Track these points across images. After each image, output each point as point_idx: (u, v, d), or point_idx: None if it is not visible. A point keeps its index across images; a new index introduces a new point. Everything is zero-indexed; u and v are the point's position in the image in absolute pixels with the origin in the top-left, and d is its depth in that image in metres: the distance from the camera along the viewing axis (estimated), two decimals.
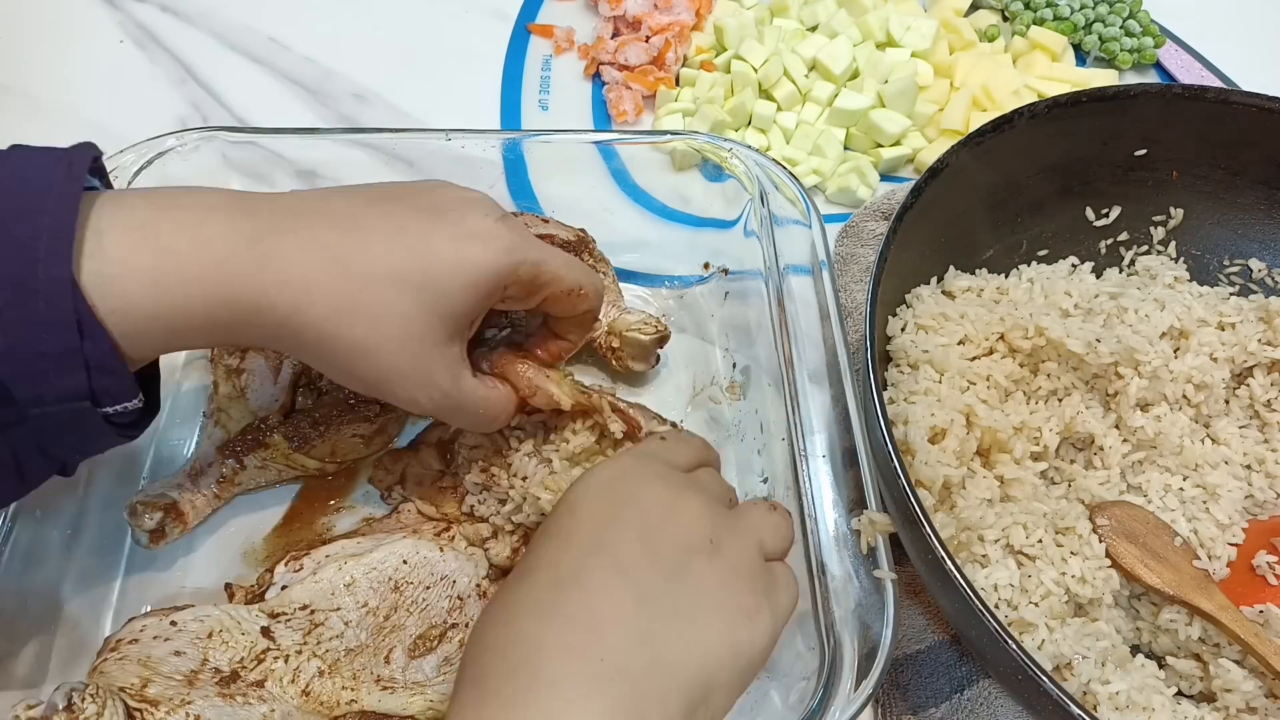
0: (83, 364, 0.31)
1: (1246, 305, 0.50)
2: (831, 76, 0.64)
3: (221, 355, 0.48)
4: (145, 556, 0.46)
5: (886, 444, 0.38)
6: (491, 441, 0.45)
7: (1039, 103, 0.49)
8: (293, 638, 0.40)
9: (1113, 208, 0.54)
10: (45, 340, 0.30)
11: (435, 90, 0.68)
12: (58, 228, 0.30)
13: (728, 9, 0.71)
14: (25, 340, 0.30)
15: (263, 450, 0.46)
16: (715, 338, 0.55)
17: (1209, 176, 0.53)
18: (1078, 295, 0.50)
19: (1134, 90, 0.50)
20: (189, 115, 0.65)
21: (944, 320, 0.47)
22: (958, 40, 0.69)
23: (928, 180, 0.45)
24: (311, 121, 0.65)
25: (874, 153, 0.63)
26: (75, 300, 0.30)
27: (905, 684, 0.44)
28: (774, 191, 0.51)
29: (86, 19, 0.70)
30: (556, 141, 0.55)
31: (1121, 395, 0.46)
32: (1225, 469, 0.46)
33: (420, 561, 0.43)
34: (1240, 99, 0.50)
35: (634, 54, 0.66)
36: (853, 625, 0.39)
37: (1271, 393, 0.48)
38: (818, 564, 0.41)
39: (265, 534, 0.47)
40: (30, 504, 0.43)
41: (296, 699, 0.39)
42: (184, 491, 0.45)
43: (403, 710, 0.39)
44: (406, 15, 0.73)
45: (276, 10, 0.72)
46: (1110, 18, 0.71)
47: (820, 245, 0.49)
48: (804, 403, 0.45)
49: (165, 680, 0.37)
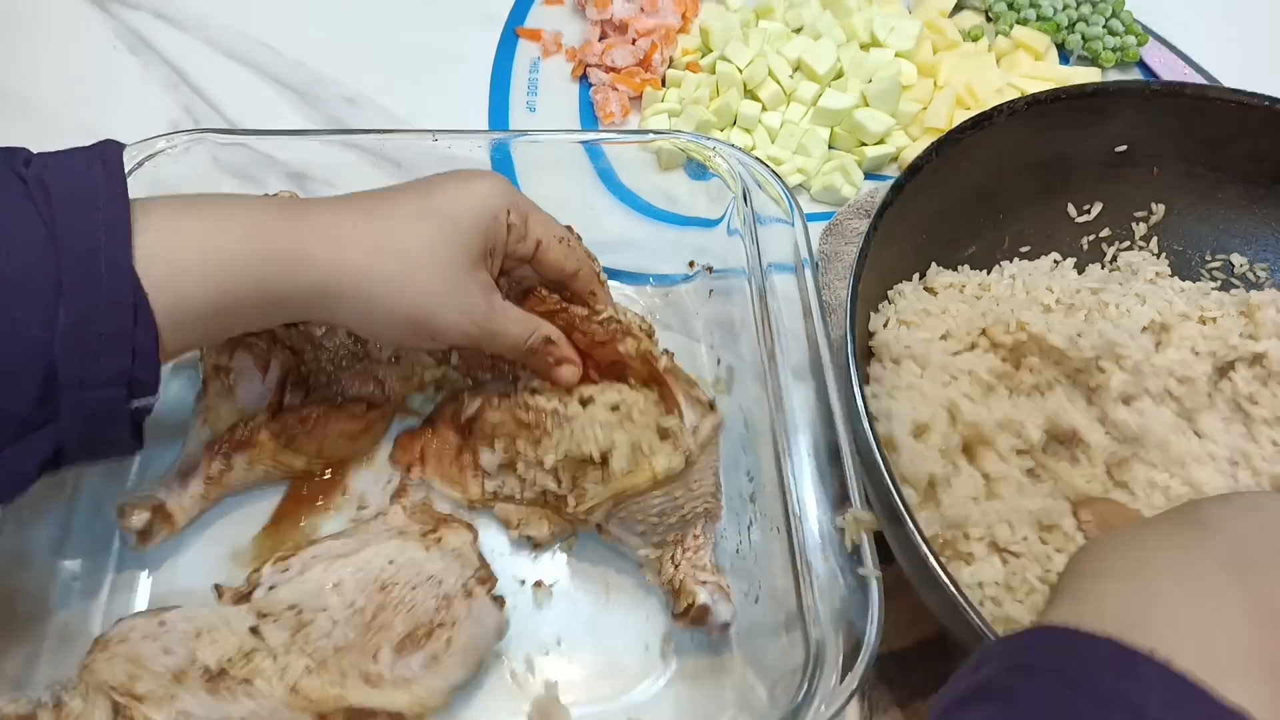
0: (130, 350, 0.33)
1: (1228, 300, 0.50)
2: (816, 77, 0.64)
3: (209, 354, 0.48)
4: (134, 557, 0.46)
5: (870, 441, 0.38)
6: (512, 417, 0.46)
7: (1018, 100, 0.49)
8: (280, 636, 0.40)
9: (1094, 204, 0.54)
10: (104, 322, 0.32)
11: (424, 93, 0.68)
12: (115, 217, 0.33)
13: (713, 12, 0.71)
14: (87, 321, 0.32)
15: (250, 449, 0.46)
16: (700, 335, 0.55)
17: (1190, 172, 0.53)
18: (1059, 291, 0.50)
19: (1113, 87, 0.51)
20: (181, 119, 0.65)
21: (926, 315, 0.48)
22: (941, 40, 0.69)
23: (908, 177, 0.46)
24: (302, 124, 0.66)
25: (858, 151, 0.64)
26: (135, 286, 0.33)
27: (890, 679, 0.44)
28: (757, 190, 0.52)
29: (79, 24, 0.71)
30: (543, 141, 0.55)
31: (1103, 389, 0.46)
32: (1211, 465, 0.46)
33: (406, 562, 0.43)
34: (1219, 95, 0.50)
35: (621, 56, 0.67)
36: (838, 622, 0.39)
37: (1254, 386, 0.48)
38: (803, 561, 0.41)
39: (253, 535, 0.47)
40: (19, 505, 0.43)
41: (284, 696, 0.39)
42: (172, 492, 0.46)
43: (390, 706, 0.40)
44: (396, 20, 0.73)
45: (268, 15, 0.72)
46: (1093, 17, 0.71)
47: (803, 243, 0.49)
48: (788, 400, 0.45)
49: (153, 677, 0.37)
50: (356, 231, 0.38)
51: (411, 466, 0.48)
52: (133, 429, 0.36)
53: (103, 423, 0.34)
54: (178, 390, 0.51)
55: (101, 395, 0.33)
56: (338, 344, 0.47)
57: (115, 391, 0.34)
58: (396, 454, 0.49)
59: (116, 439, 0.36)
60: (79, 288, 0.32)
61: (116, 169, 0.35)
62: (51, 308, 0.32)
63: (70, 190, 0.33)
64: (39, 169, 0.34)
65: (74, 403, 0.33)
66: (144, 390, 0.35)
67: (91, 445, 0.35)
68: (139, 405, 0.35)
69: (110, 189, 0.34)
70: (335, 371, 0.48)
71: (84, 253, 0.32)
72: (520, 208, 0.43)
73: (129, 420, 0.35)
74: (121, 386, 0.34)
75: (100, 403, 0.34)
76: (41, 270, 0.32)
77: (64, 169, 0.34)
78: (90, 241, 0.33)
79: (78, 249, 0.32)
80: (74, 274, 0.32)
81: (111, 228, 0.33)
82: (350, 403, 0.47)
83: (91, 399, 0.33)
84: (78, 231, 0.33)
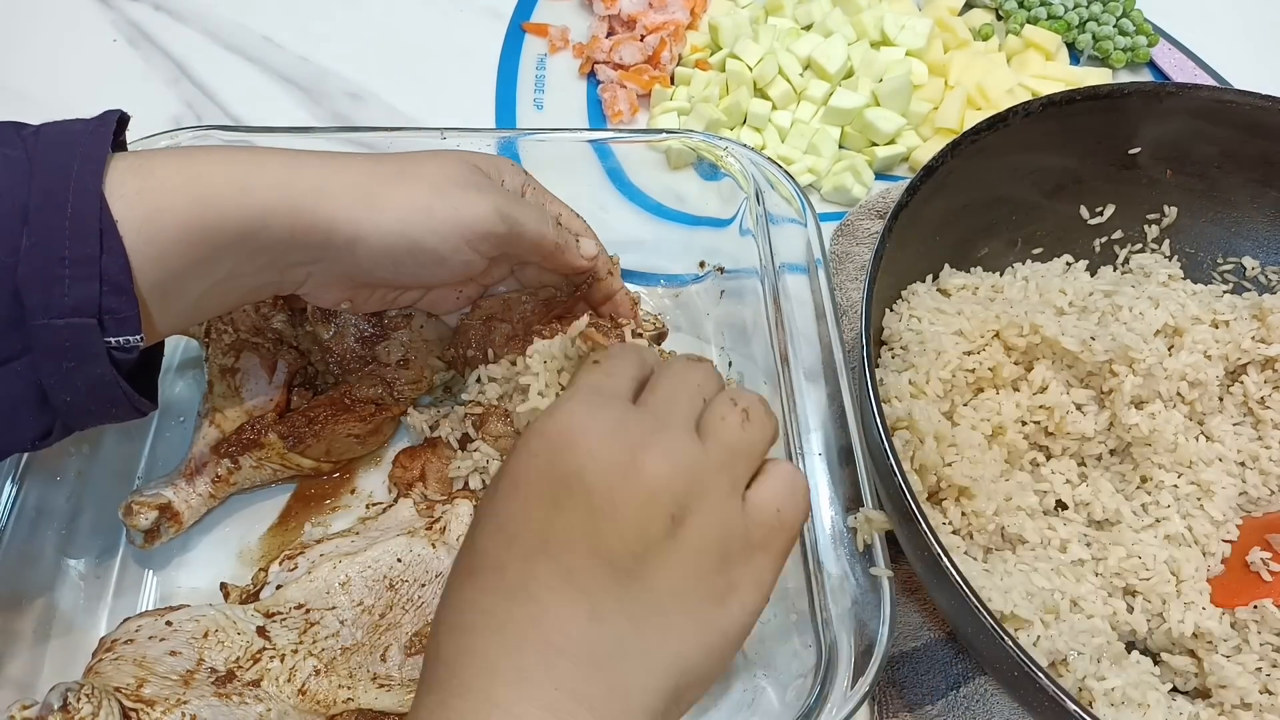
0: (97, 276, 0.32)
1: (1240, 303, 0.50)
2: (826, 75, 0.64)
3: (216, 355, 0.48)
4: (140, 556, 0.46)
5: (882, 441, 0.38)
6: (514, 430, 0.45)
7: (1033, 101, 0.49)
8: (288, 637, 0.40)
9: (1107, 206, 0.54)
10: (68, 245, 0.32)
11: (430, 89, 0.68)
12: (91, 152, 0.33)
13: (723, 8, 0.71)
14: (48, 243, 0.32)
15: (258, 450, 0.46)
16: (711, 336, 0.55)
17: (1202, 175, 0.53)
18: (1072, 293, 0.50)
19: (1127, 89, 0.50)
20: (183, 114, 0.65)
21: (940, 314, 0.48)
22: (952, 39, 0.69)
23: (923, 179, 0.46)
24: (306, 121, 0.65)
25: (869, 151, 0.63)
26: (101, 212, 0.32)
27: (902, 681, 0.44)
28: (769, 190, 0.51)
29: (79, 17, 0.70)
30: (551, 140, 0.55)
31: (1116, 393, 0.46)
32: (1219, 466, 0.46)
33: (414, 559, 0.43)
34: (1233, 97, 0.50)
35: (629, 53, 0.66)
36: (849, 623, 0.39)
37: (1265, 390, 0.48)
38: (815, 562, 0.41)
39: (260, 533, 0.47)
40: (26, 504, 0.42)
41: (293, 698, 0.39)
42: (179, 491, 0.45)
43: (399, 708, 0.39)
44: (401, 14, 0.72)
45: (270, 9, 0.71)
46: (1104, 16, 0.71)
47: (816, 243, 0.49)
48: (800, 401, 0.45)
49: (161, 680, 0.37)
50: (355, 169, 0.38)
51: (412, 485, 0.47)
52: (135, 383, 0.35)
53: (79, 358, 0.33)
54: (184, 390, 0.51)
55: (70, 325, 0.32)
56: (346, 347, 0.47)
57: (84, 321, 0.32)
58: (396, 473, 0.48)
59: (102, 384, 0.34)
60: (43, 210, 0.32)
61: (107, 119, 0.35)
62: (16, 234, 0.31)
63: (58, 132, 0.34)
64: (40, 126, 0.34)
65: (43, 331, 0.32)
66: (122, 327, 0.33)
67: (74, 387, 0.34)
68: (118, 343, 0.33)
69: (97, 130, 0.34)
70: (343, 374, 0.48)
71: (53, 178, 0.32)
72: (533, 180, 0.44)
73: (111, 361, 0.34)
74: (90, 315, 0.32)
75: (71, 333, 0.32)
76: (11, 196, 0.32)
77: (61, 123, 0.35)
78: (63, 169, 0.32)
79: (48, 175, 0.32)
80: (40, 196, 0.32)
81: (87, 158, 0.33)
82: (358, 404, 0.47)
83: (60, 329, 0.32)
84: (52, 163, 0.32)
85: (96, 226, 0.32)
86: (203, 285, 0.36)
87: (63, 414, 0.35)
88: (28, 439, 0.35)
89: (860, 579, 0.40)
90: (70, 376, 0.33)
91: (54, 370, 0.33)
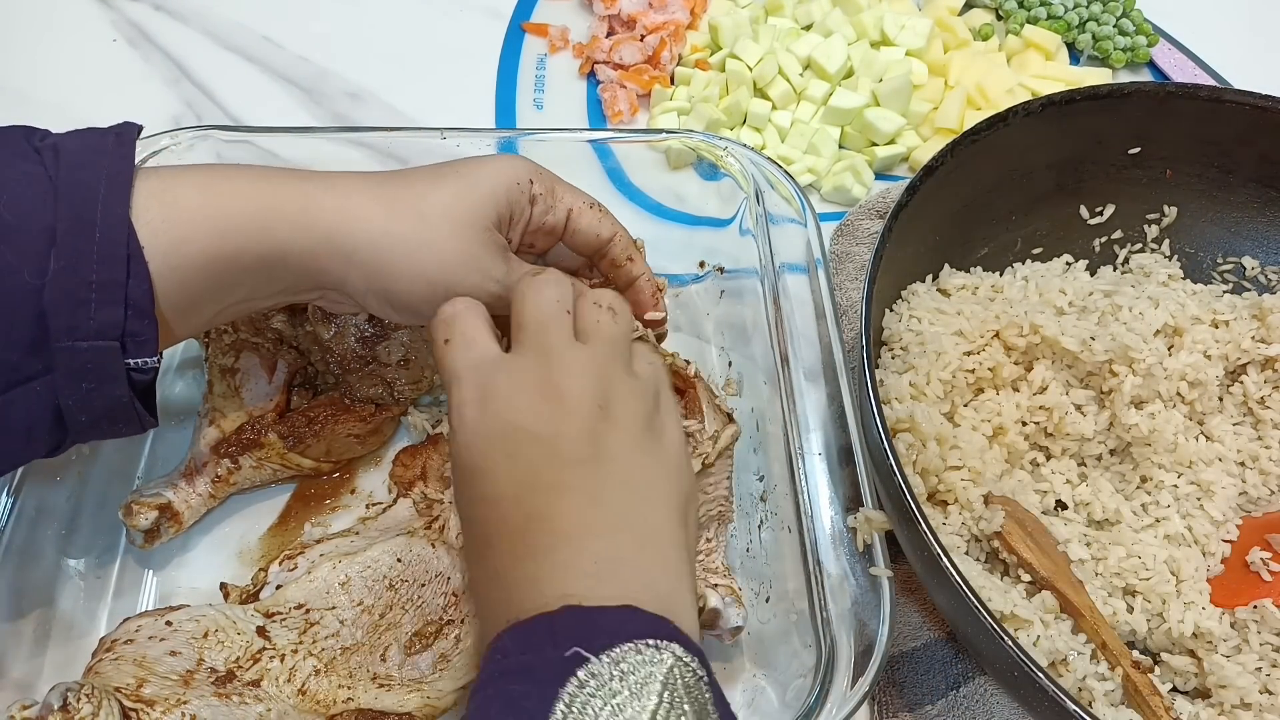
0: (123, 300, 0.33)
1: (1240, 303, 0.50)
2: (826, 75, 0.64)
3: (216, 355, 0.48)
4: (140, 556, 0.46)
5: (882, 441, 0.38)
6: None
7: (1033, 101, 0.49)
8: (288, 637, 0.40)
9: (1107, 206, 0.54)
10: (95, 270, 0.32)
11: (430, 89, 0.68)
12: (117, 174, 0.33)
13: (723, 8, 0.71)
14: (76, 267, 0.32)
15: (258, 450, 0.46)
16: (711, 336, 0.55)
17: (1202, 175, 0.53)
18: (1072, 293, 0.50)
19: (1128, 89, 0.50)
20: (183, 114, 0.65)
21: (939, 314, 0.48)
22: (952, 39, 0.69)
23: (923, 178, 0.46)
24: (306, 121, 0.65)
25: (869, 151, 0.63)
26: (130, 237, 0.33)
27: (901, 681, 0.44)
28: (769, 190, 0.51)
29: (79, 17, 0.70)
30: (551, 140, 0.55)
31: (1116, 393, 0.46)
32: (1219, 466, 0.46)
33: (414, 559, 0.43)
34: (1233, 97, 0.50)
35: (629, 53, 0.66)
36: (849, 623, 0.39)
37: (1265, 390, 0.48)
38: (814, 562, 0.41)
39: (260, 533, 0.47)
40: (26, 504, 0.42)
41: (293, 698, 0.39)
42: (179, 491, 0.45)
43: (399, 707, 0.39)
44: (401, 14, 0.72)
45: (270, 9, 0.71)
46: (1104, 16, 0.71)
47: (815, 243, 0.49)
48: (800, 401, 0.45)
49: (161, 680, 0.37)
50: (369, 189, 0.38)
51: (413, 484, 0.47)
52: (140, 400, 0.35)
53: (99, 380, 0.34)
54: (184, 390, 0.51)
55: (94, 348, 0.33)
56: (346, 347, 0.47)
57: (107, 344, 0.33)
58: (397, 471, 0.48)
59: (118, 404, 0.35)
60: (72, 234, 0.32)
61: (127, 137, 0.35)
62: (44, 255, 0.32)
63: (79, 150, 0.34)
64: (54, 139, 0.34)
65: (66, 353, 0.33)
66: (141, 349, 0.34)
67: (92, 407, 0.34)
68: (137, 365, 0.34)
69: (118, 149, 0.34)
70: (343, 374, 0.48)
71: (81, 201, 0.32)
72: (544, 178, 0.42)
73: (128, 383, 0.34)
74: (114, 339, 0.33)
75: (93, 356, 0.33)
76: (38, 218, 0.32)
77: (77, 137, 0.35)
78: (90, 192, 0.33)
79: (75, 198, 0.32)
80: (68, 221, 0.32)
81: (113, 181, 0.33)
82: (358, 404, 0.47)
83: (84, 351, 0.33)
84: (78, 183, 0.33)
85: (124, 252, 0.33)
86: (218, 306, 0.38)
87: (74, 431, 0.35)
88: (39, 454, 0.36)
89: (860, 579, 0.40)
90: (89, 397, 0.34)
91: (74, 391, 0.34)
